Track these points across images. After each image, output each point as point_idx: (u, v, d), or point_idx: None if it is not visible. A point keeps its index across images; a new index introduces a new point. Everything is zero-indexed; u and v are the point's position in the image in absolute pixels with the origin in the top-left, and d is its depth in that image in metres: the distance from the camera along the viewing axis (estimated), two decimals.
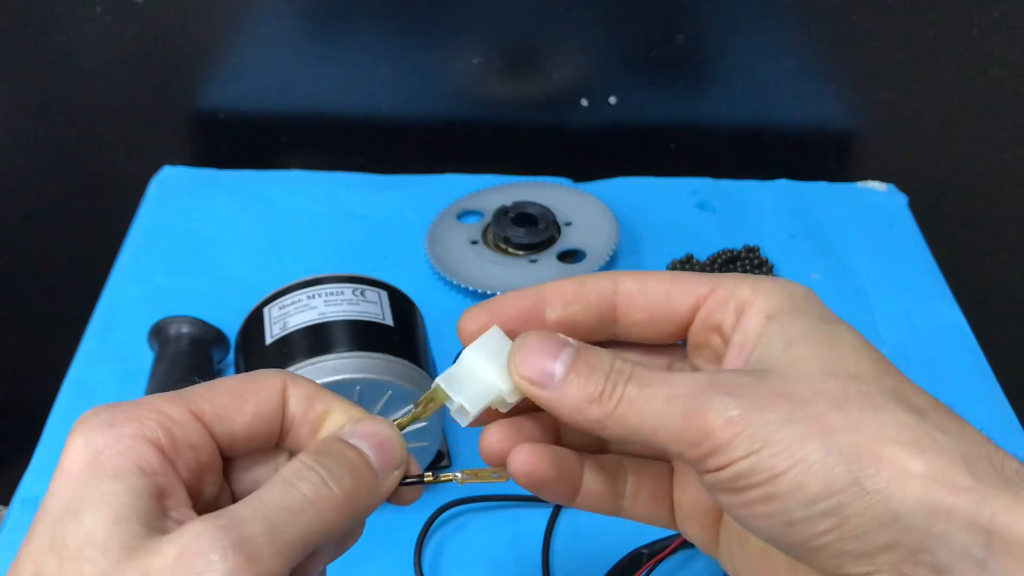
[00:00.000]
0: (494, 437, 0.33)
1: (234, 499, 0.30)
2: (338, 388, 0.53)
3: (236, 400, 0.29)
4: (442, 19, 0.83)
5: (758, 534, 0.28)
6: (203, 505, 0.29)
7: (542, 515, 0.58)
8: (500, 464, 0.33)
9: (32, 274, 1.03)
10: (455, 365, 0.32)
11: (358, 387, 0.53)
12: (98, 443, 0.27)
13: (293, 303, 0.57)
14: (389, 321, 0.57)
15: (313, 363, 0.53)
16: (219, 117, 0.89)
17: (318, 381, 0.53)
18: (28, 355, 1.10)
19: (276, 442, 0.31)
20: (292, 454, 0.31)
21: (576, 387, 0.29)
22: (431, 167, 0.87)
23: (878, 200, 0.85)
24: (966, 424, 0.28)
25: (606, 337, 0.33)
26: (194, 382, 0.60)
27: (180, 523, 0.27)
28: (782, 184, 0.87)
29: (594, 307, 0.32)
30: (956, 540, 0.26)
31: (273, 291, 0.58)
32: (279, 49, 0.85)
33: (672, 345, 0.34)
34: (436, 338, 0.63)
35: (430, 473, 0.32)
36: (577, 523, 0.58)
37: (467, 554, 0.56)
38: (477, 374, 0.32)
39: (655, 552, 0.53)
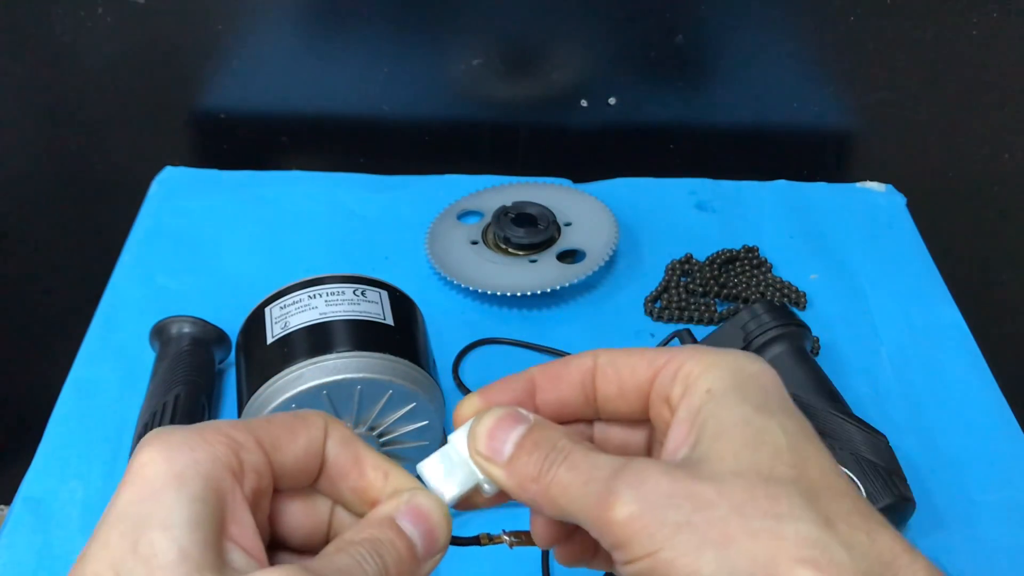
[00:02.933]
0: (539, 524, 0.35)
1: (272, 530, 0.32)
2: (339, 387, 0.53)
3: (290, 433, 0.31)
4: (442, 20, 0.83)
5: None
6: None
7: None
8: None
9: (33, 274, 1.03)
10: (440, 451, 0.33)
11: (359, 386, 0.53)
12: (180, 461, 0.28)
13: (294, 303, 0.57)
14: (390, 321, 0.57)
15: (314, 363, 0.53)
16: (220, 118, 0.89)
17: (319, 381, 0.53)
18: (28, 355, 1.10)
19: (314, 480, 0.32)
20: (323, 494, 0.33)
21: (520, 464, 0.30)
22: (431, 167, 0.87)
23: (876, 200, 0.86)
24: (881, 534, 0.27)
25: (593, 415, 0.34)
26: (196, 385, 0.60)
27: (247, 552, 0.28)
28: (781, 184, 0.87)
29: (578, 386, 0.33)
30: None
31: (274, 291, 0.59)
32: (280, 50, 0.86)
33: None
34: (436, 338, 0.63)
35: (485, 534, 0.33)
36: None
37: (467, 554, 0.56)
38: (459, 459, 0.32)
39: None
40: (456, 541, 0.33)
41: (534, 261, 0.75)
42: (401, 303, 0.59)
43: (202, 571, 0.26)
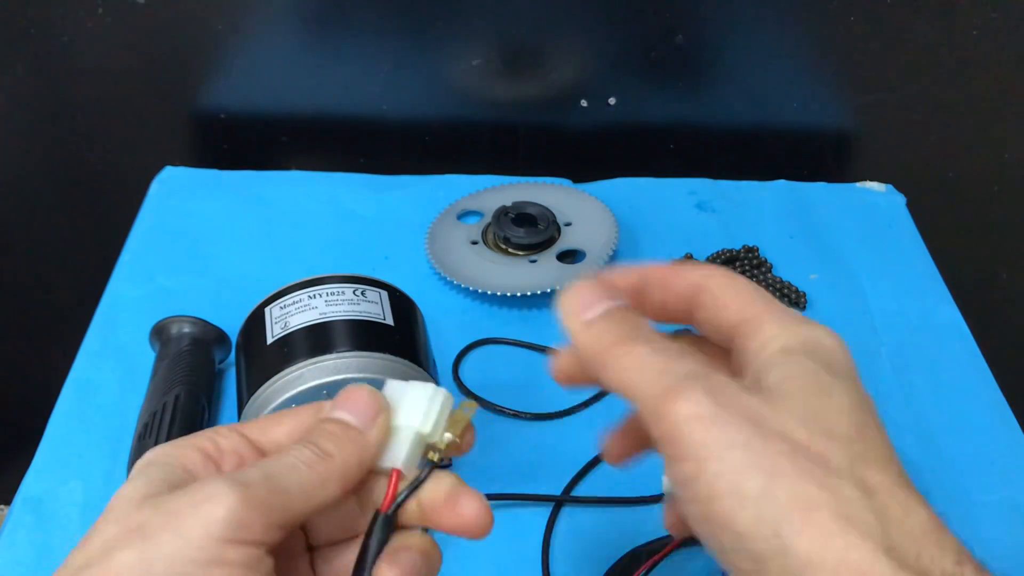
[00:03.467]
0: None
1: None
2: (339, 387, 0.52)
3: (275, 419, 0.34)
4: (442, 20, 0.83)
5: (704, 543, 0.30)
6: None
7: (542, 514, 0.58)
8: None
9: (33, 274, 1.03)
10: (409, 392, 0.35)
11: (363, 383, 0.53)
12: (150, 456, 0.32)
13: (294, 303, 0.57)
14: (390, 321, 0.57)
15: (314, 363, 0.53)
16: (220, 118, 0.89)
17: (319, 381, 0.53)
18: (28, 355, 1.10)
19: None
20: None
21: (602, 329, 0.32)
22: (431, 167, 0.87)
23: (876, 200, 0.86)
24: (918, 511, 0.28)
25: (681, 322, 0.35)
26: (196, 385, 0.61)
27: None
28: (781, 184, 0.87)
29: (681, 295, 0.34)
30: None
31: (274, 291, 0.59)
32: (280, 50, 0.86)
33: None
34: (436, 338, 0.63)
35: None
36: (577, 522, 0.58)
37: (467, 553, 0.56)
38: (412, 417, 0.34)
39: (654, 551, 0.53)
40: None
41: (534, 261, 0.75)
42: (401, 303, 0.59)
43: (131, 503, 0.30)
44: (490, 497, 0.58)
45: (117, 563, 0.28)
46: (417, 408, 0.34)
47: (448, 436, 0.34)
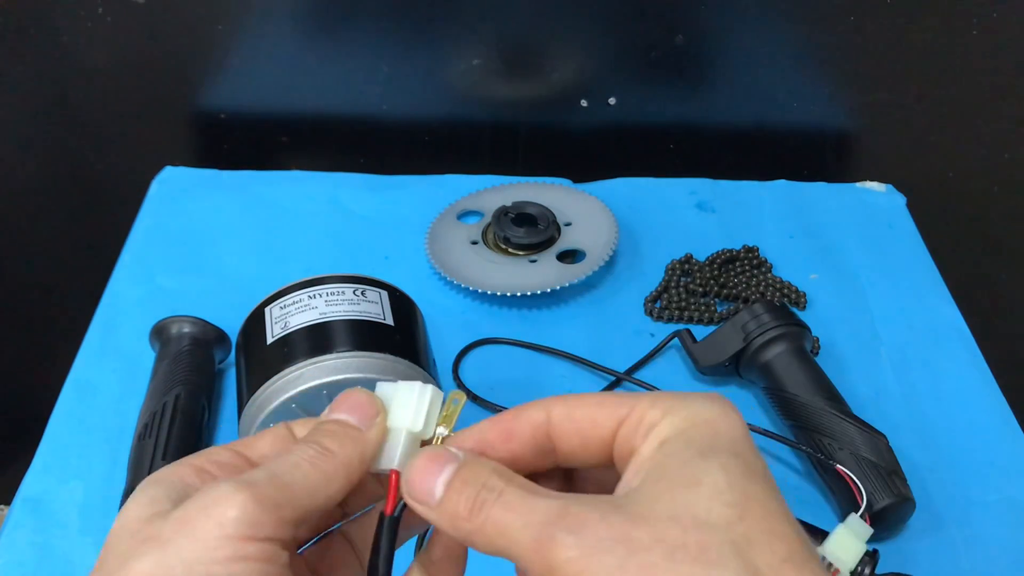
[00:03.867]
0: None
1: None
2: (339, 387, 0.53)
3: (260, 436, 0.35)
4: (442, 20, 0.83)
5: None
6: None
7: None
8: None
9: (33, 274, 1.03)
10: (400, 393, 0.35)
11: (359, 387, 0.53)
12: (149, 479, 0.32)
13: (294, 303, 0.57)
14: (389, 321, 0.57)
15: (314, 363, 0.53)
16: (220, 118, 0.89)
17: (319, 381, 0.53)
18: (28, 355, 1.10)
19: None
20: None
21: (451, 504, 0.31)
22: (431, 167, 0.87)
23: (876, 200, 0.86)
24: None
25: (551, 465, 0.34)
26: (196, 385, 0.61)
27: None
28: (781, 184, 0.87)
29: (529, 441, 0.33)
30: None
31: (274, 291, 0.59)
32: (280, 50, 0.86)
33: None
34: (436, 338, 0.63)
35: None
36: None
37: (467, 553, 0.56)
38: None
39: None
40: None
41: (534, 261, 0.75)
42: (401, 303, 0.59)
43: (139, 519, 0.30)
44: None
45: (135, 573, 0.28)
46: (407, 408, 0.34)
47: (441, 431, 0.34)
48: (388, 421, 0.34)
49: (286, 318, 0.56)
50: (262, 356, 0.55)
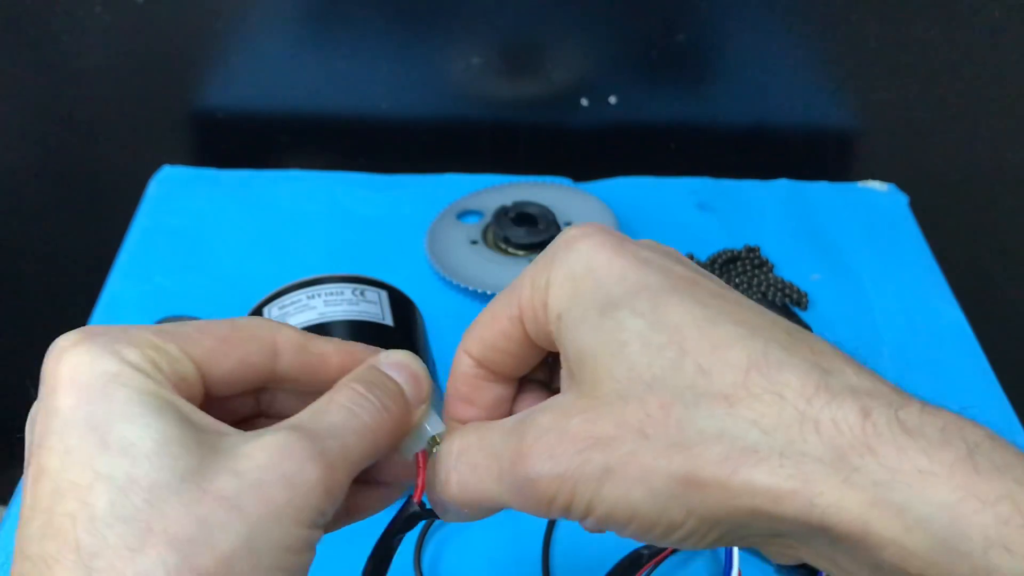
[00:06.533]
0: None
1: None
2: None
3: (224, 346, 0.29)
4: (442, 19, 0.83)
5: None
6: None
7: None
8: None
9: (32, 274, 1.03)
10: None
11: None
12: (110, 365, 0.26)
13: (293, 303, 0.57)
14: (389, 321, 0.56)
15: None
16: (219, 117, 0.89)
17: None
18: (27, 355, 1.10)
19: (260, 387, 0.31)
20: (292, 393, 0.32)
21: (436, 492, 0.30)
22: (431, 167, 0.87)
23: (879, 200, 0.85)
24: (782, 405, 0.25)
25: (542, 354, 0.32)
26: None
27: (225, 435, 0.26)
28: (782, 184, 0.87)
29: (484, 375, 0.32)
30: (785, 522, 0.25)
31: (273, 291, 0.58)
32: (279, 49, 0.85)
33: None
34: (436, 338, 0.62)
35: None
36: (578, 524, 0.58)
37: (467, 554, 0.56)
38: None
39: (655, 553, 0.53)
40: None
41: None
42: (401, 303, 0.59)
43: (188, 447, 0.25)
44: None
45: (221, 551, 0.24)
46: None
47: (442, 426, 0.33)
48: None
49: (285, 319, 0.56)
50: None
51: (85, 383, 0.26)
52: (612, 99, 0.87)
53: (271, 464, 0.25)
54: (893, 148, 0.91)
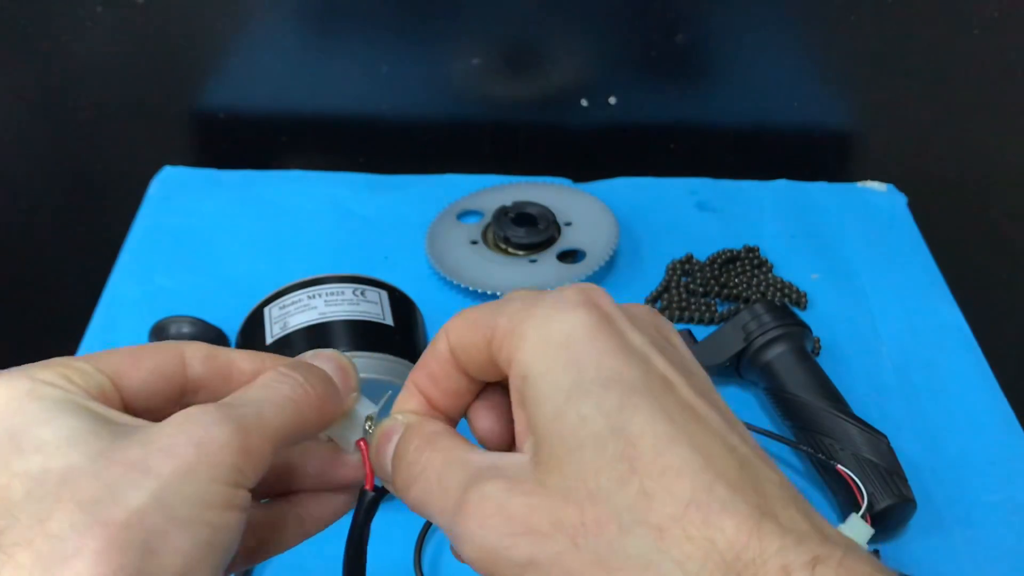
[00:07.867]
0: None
1: None
2: None
3: (133, 358, 0.31)
4: (442, 19, 0.83)
5: None
6: None
7: None
8: None
9: (32, 274, 1.03)
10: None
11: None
12: (23, 385, 0.28)
13: (293, 303, 0.57)
14: (389, 321, 0.57)
15: None
16: (219, 117, 0.89)
17: None
18: (28, 355, 1.10)
19: (178, 396, 0.32)
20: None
21: (397, 479, 0.31)
22: (431, 167, 0.87)
23: (878, 200, 0.85)
24: (709, 552, 0.25)
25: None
26: None
27: (142, 425, 0.27)
28: (782, 184, 0.87)
29: (454, 373, 0.32)
30: None
31: (273, 291, 0.59)
32: (279, 49, 0.86)
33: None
34: None
35: None
36: None
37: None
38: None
39: None
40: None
41: (534, 261, 0.75)
42: (401, 303, 0.59)
43: (101, 435, 0.26)
44: None
45: (132, 509, 0.25)
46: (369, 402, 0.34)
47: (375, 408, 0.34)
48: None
49: (285, 318, 0.56)
50: None
51: (2, 404, 0.27)
52: (612, 99, 0.87)
53: (180, 431, 0.26)
54: (892, 148, 0.91)
